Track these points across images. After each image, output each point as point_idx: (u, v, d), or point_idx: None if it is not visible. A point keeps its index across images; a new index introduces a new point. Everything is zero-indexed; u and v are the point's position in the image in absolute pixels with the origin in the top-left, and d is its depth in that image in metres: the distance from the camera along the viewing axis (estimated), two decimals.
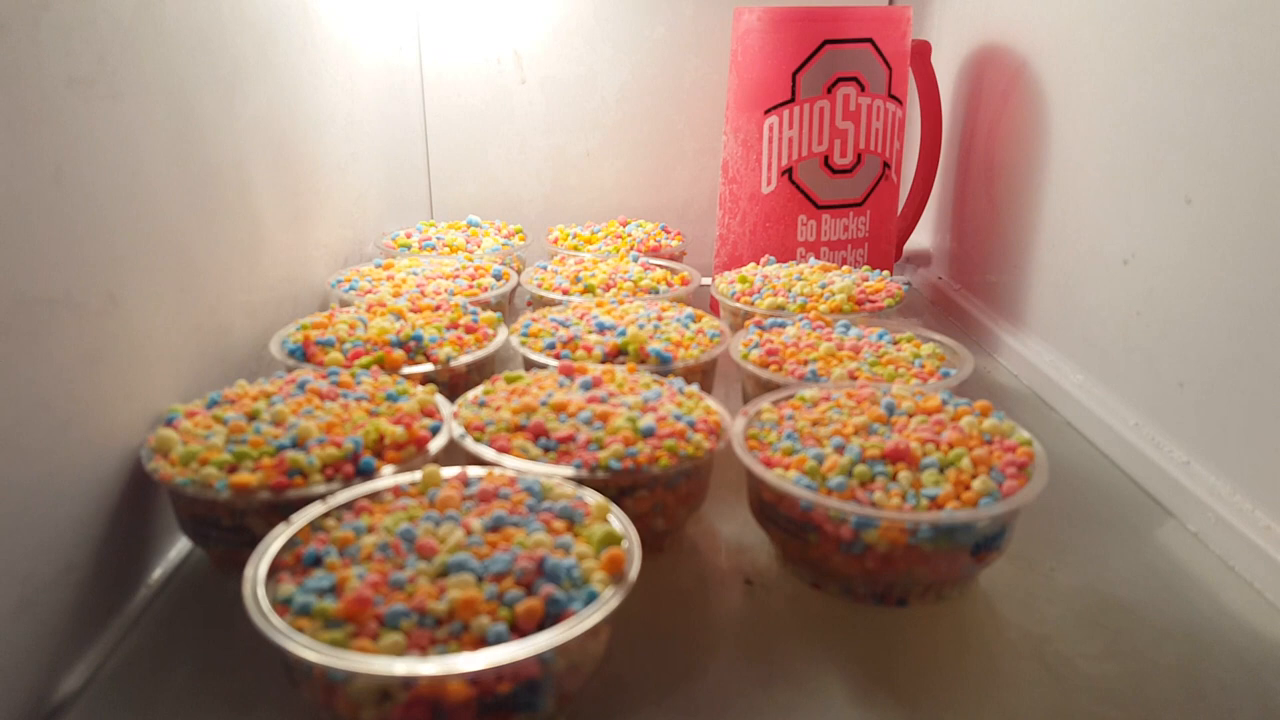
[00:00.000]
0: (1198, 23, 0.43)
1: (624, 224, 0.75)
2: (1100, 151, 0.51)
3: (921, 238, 0.78)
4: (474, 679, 0.26)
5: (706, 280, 0.70)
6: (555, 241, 0.72)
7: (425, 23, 0.77)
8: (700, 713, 0.31)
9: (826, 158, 0.63)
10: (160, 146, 0.39)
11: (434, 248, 0.69)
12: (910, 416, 0.38)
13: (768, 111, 0.63)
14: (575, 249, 0.70)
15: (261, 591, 0.28)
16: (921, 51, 0.68)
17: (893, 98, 0.64)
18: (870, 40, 0.61)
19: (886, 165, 0.65)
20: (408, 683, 0.25)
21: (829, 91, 0.62)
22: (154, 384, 0.38)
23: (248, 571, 0.29)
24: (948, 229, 0.75)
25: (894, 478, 0.34)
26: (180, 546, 0.39)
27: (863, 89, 0.62)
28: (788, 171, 0.64)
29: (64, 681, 0.31)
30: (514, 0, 0.76)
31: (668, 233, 0.73)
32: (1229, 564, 0.39)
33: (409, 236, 0.71)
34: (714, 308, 0.67)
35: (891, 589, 0.35)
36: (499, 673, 0.26)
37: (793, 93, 0.62)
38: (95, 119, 0.34)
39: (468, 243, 0.70)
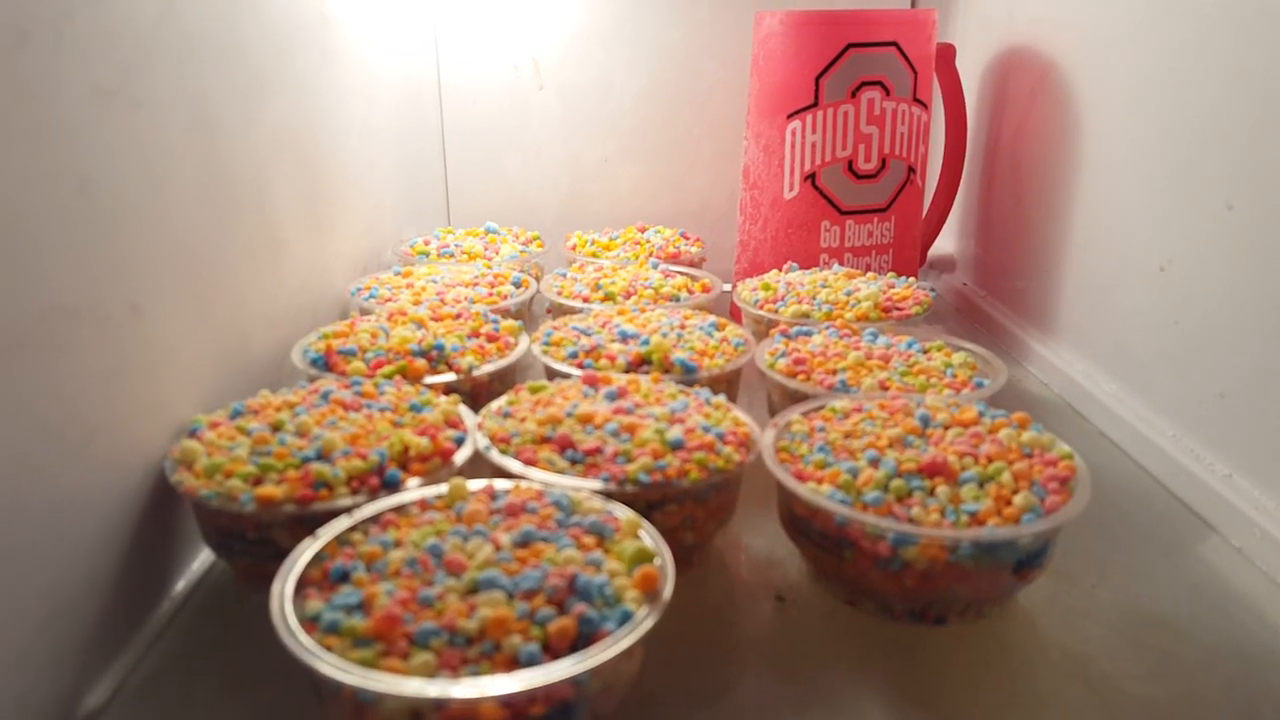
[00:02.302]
0: (1235, 20, 0.42)
1: (642, 230, 0.74)
2: (1134, 154, 0.50)
3: (946, 243, 0.77)
4: (507, 701, 0.25)
5: (727, 287, 0.69)
6: (573, 248, 0.72)
7: (442, 30, 0.76)
8: None
9: (850, 163, 0.63)
10: (181, 157, 0.39)
11: (452, 255, 0.68)
12: (946, 429, 0.37)
13: (790, 116, 0.62)
14: (593, 255, 0.69)
15: (289, 608, 0.27)
16: (946, 55, 0.67)
17: (918, 101, 0.63)
18: (895, 43, 0.61)
19: (911, 170, 0.64)
20: (439, 704, 0.25)
21: (853, 96, 0.61)
22: (177, 394, 0.38)
23: (275, 588, 0.28)
24: (973, 234, 0.74)
25: (932, 492, 0.33)
26: (204, 559, 0.39)
27: (887, 93, 0.61)
28: (811, 177, 0.63)
29: (89, 696, 0.31)
30: (531, 7, 0.76)
31: (687, 239, 0.72)
32: (1276, 580, 0.37)
33: (427, 244, 0.70)
34: (735, 315, 0.66)
35: (930, 607, 0.34)
36: (532, 695, 0.25)
37: (815, 97, 0.61)
38: (117, 130, 0.34)
39: (486, 250, 0.69)
